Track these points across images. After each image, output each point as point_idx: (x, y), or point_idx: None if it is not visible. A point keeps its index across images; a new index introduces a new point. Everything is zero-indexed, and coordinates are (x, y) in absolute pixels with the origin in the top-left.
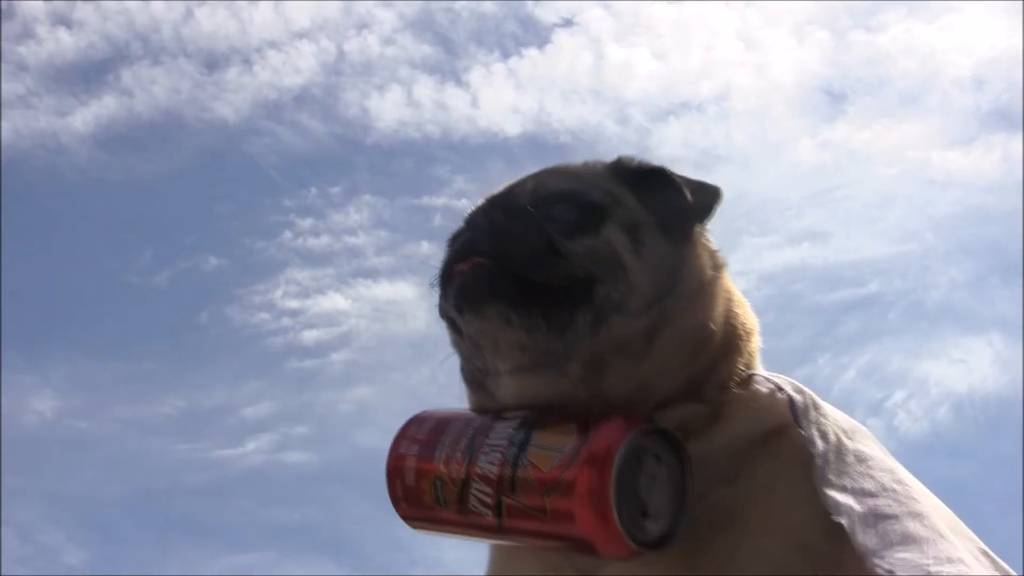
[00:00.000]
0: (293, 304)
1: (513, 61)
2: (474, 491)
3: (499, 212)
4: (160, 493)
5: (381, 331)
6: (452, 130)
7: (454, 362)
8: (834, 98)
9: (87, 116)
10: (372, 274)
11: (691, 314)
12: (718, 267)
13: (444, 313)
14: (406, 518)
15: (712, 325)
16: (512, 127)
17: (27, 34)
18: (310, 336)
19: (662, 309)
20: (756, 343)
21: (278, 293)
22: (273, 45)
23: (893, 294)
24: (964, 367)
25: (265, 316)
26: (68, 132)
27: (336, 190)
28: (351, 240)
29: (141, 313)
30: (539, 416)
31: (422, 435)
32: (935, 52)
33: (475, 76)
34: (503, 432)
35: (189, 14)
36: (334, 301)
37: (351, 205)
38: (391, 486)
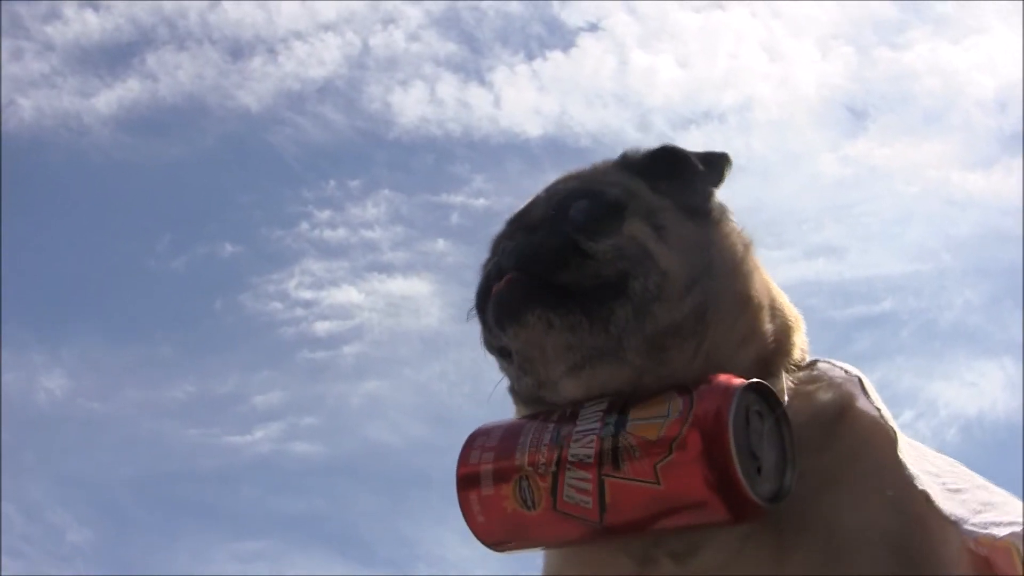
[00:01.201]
0: (307, 295)
1: (537, 63)
2: (569, 481)
3: (519, 230)
4: (168, 477)
5: (394, 326)
6: (473, 129)
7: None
8: (856, 114)
9: (111, 98)
10: (387, 269)
11: (732, 286)
12: (747, 245)
13: (489, 343)
14: (485, 535)
15: (756, 296)
16: (533, 128)
17: (54, 14)
18: (322, 328)
19: (703, 288)
20: (803, 337)
21: (292, 283)
22: (299, 36)
23: (907, 313)
24: (975, 390)
25: (278, 306)
26: (91, 113)
27: (355, 183)
28: (367, 234)
29: (156, 297)
30: (627, 395)
31: (493, 442)
32: (959, 72)
33: (499, 76)
34: (591, 418)
35: (216, 2)
36: (348, 294)
37: (369, 199)
38: (464, 501)
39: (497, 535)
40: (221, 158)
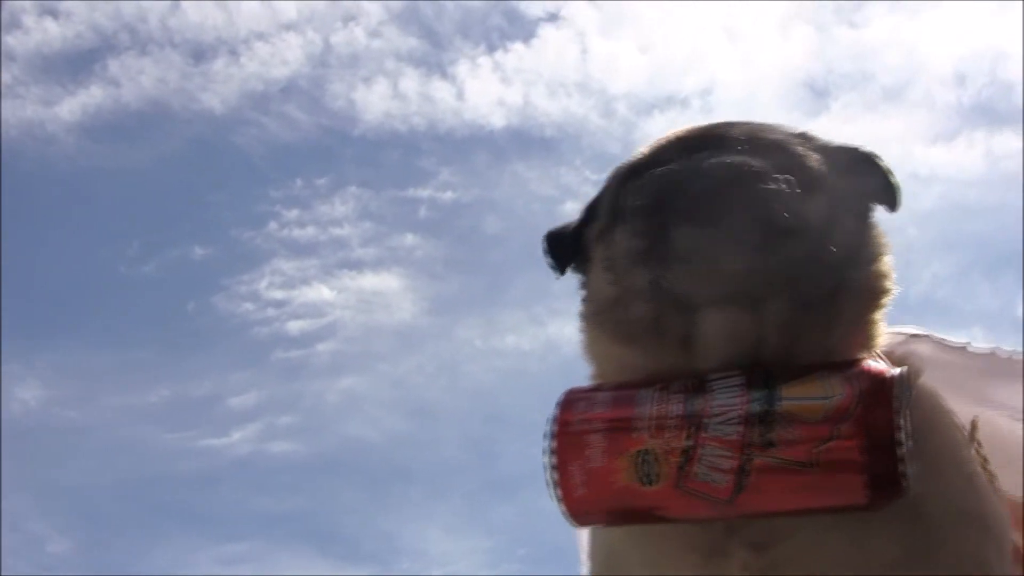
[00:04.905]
0: (278, 295)
1: (499, 54)
2: (706, 458)
3: (717, 152)
4: (148, 482)
5: (367, 322)
6: (438, 122)
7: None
8: (817, 93)
9: (74, 106)
10: (357, 265)
11: (875, 281)
12: (887, 248)
13: (628, 243)
14: (580, 509)
15: (886, 295)
16: (498, 119)
17: (14, 24)
18: (295, 326)
19: (851, 275)
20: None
21: (263, 283)
22: (260, 36)
23: None
24: None
25: (250, 306)
26: (56, 121)
27: (322, 181)
28: (336, 231)
29: (128, 302)
30: (766, 371)
31: (601, 410)
32: (918, 47)
33: (461, 69)
34: (729, 391)
35: (176, 5)
36: (319, 292)
37: (337, 196)
38: (564, 472)
39: (595, 510)
40: (187, 161)
